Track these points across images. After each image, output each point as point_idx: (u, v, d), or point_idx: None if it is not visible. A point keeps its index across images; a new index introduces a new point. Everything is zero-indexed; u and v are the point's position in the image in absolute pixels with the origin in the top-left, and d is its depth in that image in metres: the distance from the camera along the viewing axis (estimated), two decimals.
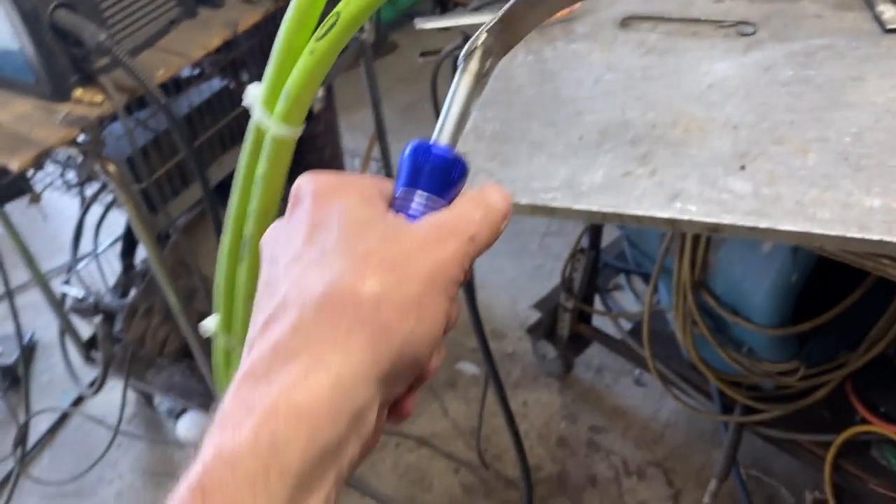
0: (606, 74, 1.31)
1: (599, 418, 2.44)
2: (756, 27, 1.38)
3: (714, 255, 1.87)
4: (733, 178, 1.06)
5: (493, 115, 1.25)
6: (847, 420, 1.99)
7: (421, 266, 0.45)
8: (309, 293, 0.43)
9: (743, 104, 1.20)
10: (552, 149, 1.17)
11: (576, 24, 1.45)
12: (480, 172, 1.14)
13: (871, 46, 1.29)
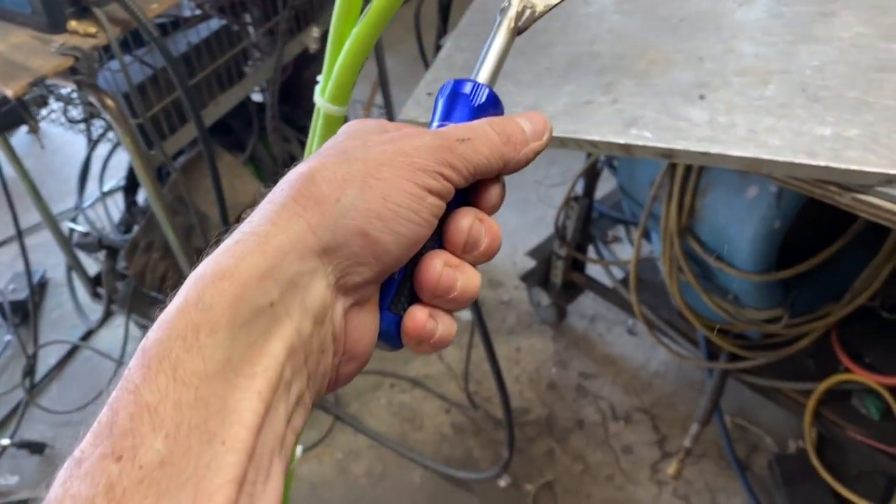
0: (581, 7, 1.32)
1: (590, 365, 2.48)
2: None
3: (701, 200, 1.88)
4: (692, 107, 1.08)
5: (466, 45, 1.27)
6: (831, 369, 2.01)
7: (375, 151, 0.47)
8: None
9: (711, 38, 1.21)
10: (520, 77, 1.19)
11: None
12: None
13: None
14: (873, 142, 0.99)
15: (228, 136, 2.33)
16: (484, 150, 0.49)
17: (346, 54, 0.69)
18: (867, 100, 1.06)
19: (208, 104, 2.00)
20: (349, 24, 0.67)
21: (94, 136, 2.34)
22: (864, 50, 1.14)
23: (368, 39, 0.65)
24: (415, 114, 1.14)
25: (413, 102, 1.16)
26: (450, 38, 1.29)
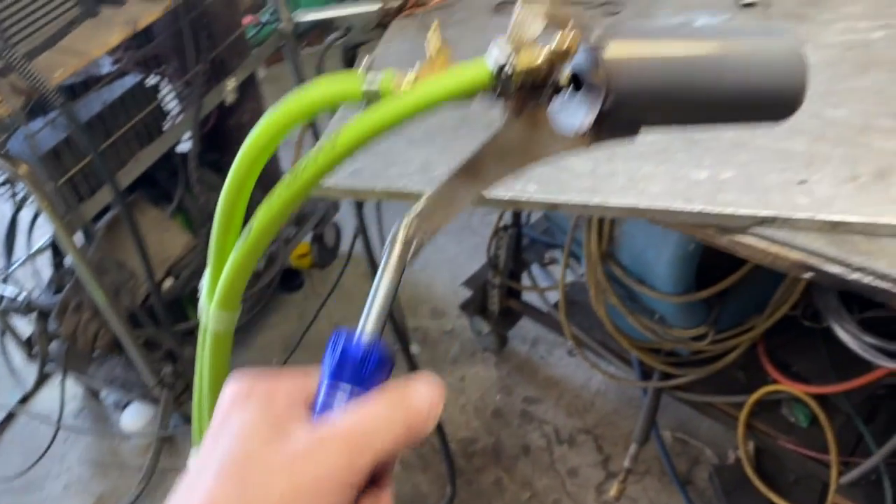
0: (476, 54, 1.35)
1: (533, 389, 2.51)
2: (622, 6, 1.42)
3: (619, 227, 1.93)
4: (576, 158, 1.12)
5: None
6: (760, 381, 2.06)
7: (277, 486, 0.44)
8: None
9: None
10: (411, 135, 1.22)
11: (452, 11, 1.49)
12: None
13: (726, 22, 1.34)
14: (747, 183, 1.04)
15: (154, 188, 2.32)
16: (389, 446, 0.47)
17: (231, 269, 0.64)
18: (742, 140, 1.10)
19: (128, 162, 1.99)
20: (231, 236, 0.63)
21: (19, 198, 2.31)
22: None
23: (252, 258, 0.62)
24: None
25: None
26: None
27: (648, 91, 0.61)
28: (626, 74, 0.59)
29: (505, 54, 0.55)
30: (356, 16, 1.45)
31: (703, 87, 0.66)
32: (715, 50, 0.66)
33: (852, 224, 0.97)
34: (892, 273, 0.93)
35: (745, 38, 0.70)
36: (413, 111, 0.58)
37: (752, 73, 0.65)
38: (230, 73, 2.18)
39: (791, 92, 0.67)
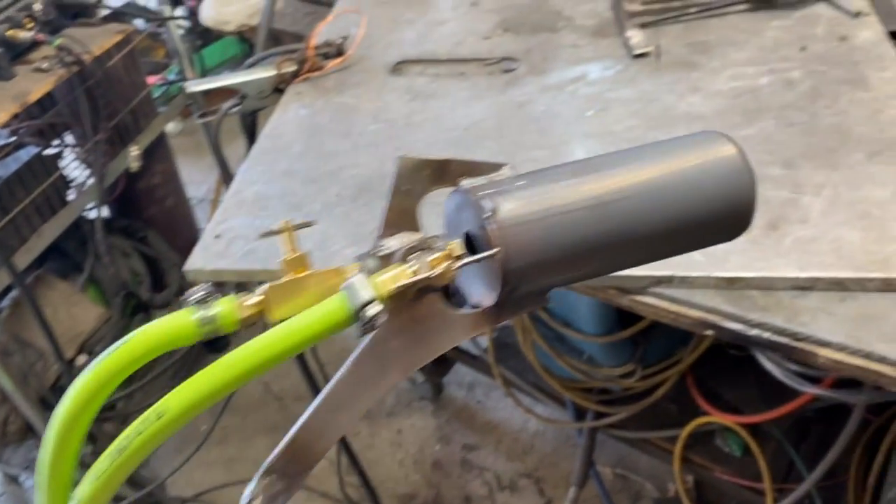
0: (372, 125, 1.33)
1: (472, 436, 2.48)
2: (518, 62, 1.42)
3: None
4: None
5: (257, 177, 1.26)
6: (692, 413, 2.07)
7: None
8: None
9: (494, 145, 1.24)
10: (310, 207, 1.18)
11: (349, 73, 1.47)
12: (237, 240, 1.14)
13: (620, 73, 1.35)
14: None
15: (63, 260, 2.22)
16: None
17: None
18: None
19: (29, 238, 1.90)
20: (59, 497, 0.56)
21: None
22: (635, 143, 1.19)
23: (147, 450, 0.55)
24: (201, 262, 1.11)
25: (200, 248, 1.13)
26: (240, 169, 1.28)
27: (557, 249, 0.56)
28: (522, 239, 0.54)
29: (366, 293, 0.52)
30: (251, 83, 1.41)
31: (623, 231, 0.58)
32: (632, 184, 0.59)
33: (748, 279, 0.97)
34: (789, 328, 0.93)
35: (667, 156, 0.64)
36: (260, 370, 0.53)
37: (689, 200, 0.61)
38: (137, 134, 2.11)
39: (739, 208, 0.63)
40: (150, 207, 2.45)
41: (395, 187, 0.64)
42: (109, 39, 1.91)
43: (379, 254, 0.57)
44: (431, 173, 0.65)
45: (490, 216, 0.53)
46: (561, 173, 0.60)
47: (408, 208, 0.66)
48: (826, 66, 1.27)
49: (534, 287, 0.57)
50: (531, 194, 0.57)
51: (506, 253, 0.53)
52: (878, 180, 1.04)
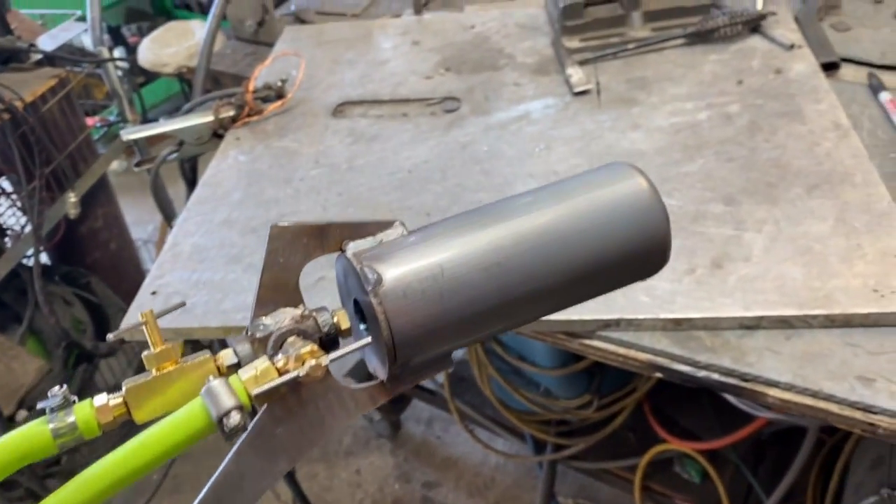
0: (313, 170, 1.31)
1: (432, 473, 2.44)
2: (460, 102, 1.41)
3: None
4: None
5: (194, 228, 1.22)
6: (651, 441, 2.07)
7: None
8: None
9: (438, 188, 1.22)
10: (250, 259, 1.15)
11: (290, 117, 1.44)
12: (174, 296, 1.10)
13: (562, 111, 1.35)
14: None
15: (1, 311, 2.14)
16: None
17: None
18: None
19: None
20: None
21: None
22: None
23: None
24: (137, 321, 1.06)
25: (136, 306, 1.09)
26: (177, 221, 1.24)
27: (452, 314, 0.52)
28: (411, 308, 0.50)
29: (227, 401, 0.48)
30: (188, 129, 1.38)
31: (526, 284, 0.54)
32: (533, 233, 0.54)
33: (694, 320, 0.96)
34: (737, 369, 0.92)
35: (570, 196, 0.56)
36: (118, 486, 0.49)
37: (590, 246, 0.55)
38: (76, 178, 2.05)
39: (653, 245, 0.58)
40: (93, 252, 2.37)
41: (270, 260, 0.59)
42: (44, 84, 1.85)
43: (255, 335, 0.54)
44: (310, 240, 0.60)
45: (373, 287, 0.50)
46: (455, 227, 0.56)
47: (286, 281, 0.60)
48: (763, 100, 1.29)
49: (430, 355, 0.53)
50: (420, 256, 0.52)
51: (391, 326, 0.49)
52: (817, 214, 1.05)
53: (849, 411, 0.87)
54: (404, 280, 0.50)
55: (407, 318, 0.50)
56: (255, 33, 1.81)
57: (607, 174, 0.59)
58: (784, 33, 1.43)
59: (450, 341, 0.53)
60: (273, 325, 0.55)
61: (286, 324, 0.55)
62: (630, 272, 0.59)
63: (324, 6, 1.91)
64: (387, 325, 0.49)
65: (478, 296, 0.52)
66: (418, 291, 0.50)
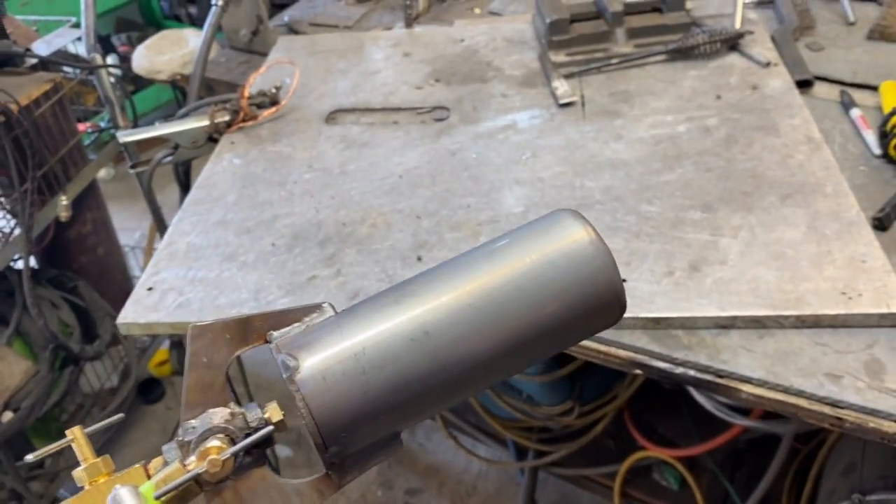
0: (307, 174, 1.34)
1: (415, 480, 2.46)
2: (450, 111, 1.46)
3: None
4: (409, 271, 1.12)
5: (190, 227, 1.25)
6: (631, 448, 2.11)
7: None
8: None
9: (428, 192, 1.26)
10: (245, 258, 1.18)
11: (283, 123, 1.48)
12: (170, 292, 1.13)
13: (547, 121, 1.40)
14: None
15: None
16: None
17: None
18: None
19: None
20: None
21: None
22: (563, 189, 1.24)
23: None
24: (133, 316, 1.09)
25: (133, 301, 1.12)
26: (172, 220, 1.27)
27: (376, 397, 0.49)
28: (333, 396, 0.48)
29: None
30: (184, 133, 1.41)
31: (455, 361, 0.50)
32: (465, 302, 0.51)
33: (672, 319, 1.01)
34: (713, 365, 0.97)
35: (507, 255, 0.53)
36: None
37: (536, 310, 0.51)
38: (67, 182, 2.07)
39: (602, 299, 0.53)
40: (81, 256, 2.39)
41: (194, 360, 0.57)
42: (38, 88, 1.88)
43: (184, 439, 0.53)
44: (233, 335, 0.58)
45: (290, 376, 0.49)
46: (381, 301, 0.53)
47: (212, 381, 0.57)
48: (740, 114, 1.35)
49: (368, 440, 0.51)
50: (340, 336, 0.51)
51: (311, 412, 0.47)
52: (790, 222, 1.11)
53: (818, 406, 0.92)
54: (323, 364, 0.49)
55: (327, 402, 0.48)
56: (250, 42, 1.85)
57: (548, 225, 0.56)
58: (761, 51, 1.49)
59: (385, 422, 0.51)
60: (200, 426, 0.54)
61: (213, 424, 0.54)
62: (583, 328, 0.56)
63: (317, 18, 1.96)
64: (307, 412, 0.48)
65: (405, 369, 0.50)
66: (338, 373, 0.49)
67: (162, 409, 2.77)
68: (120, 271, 2.56)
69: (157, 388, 2.79)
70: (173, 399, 2.81)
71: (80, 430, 0.54)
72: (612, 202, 1.19)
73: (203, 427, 0.52)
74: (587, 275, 0.52)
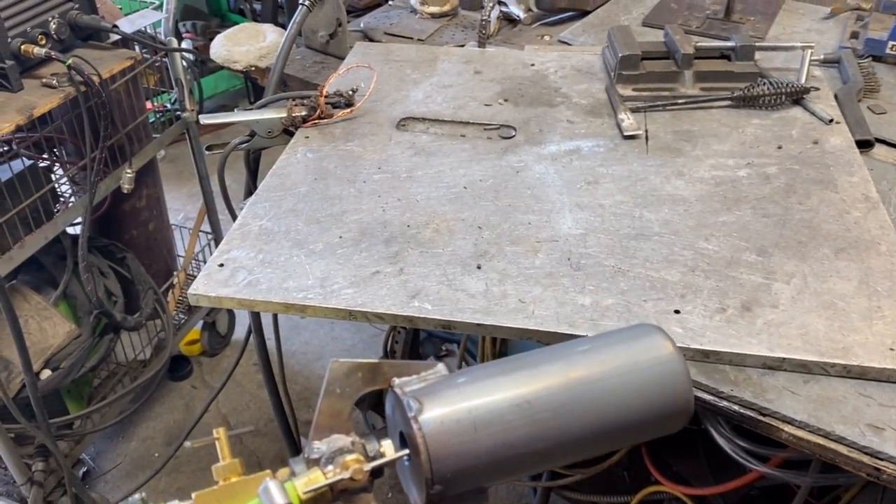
0: (376, 174, 1.40)
1: None
2: (516, 131, 1.51)
3: None
4: (469, 278, 1.16)
5: (263, 212, 1.31)
6: (644, 481, 2.12)
7: None
8: None
9: (491, 205, 1.31)
10: (313, 246, 1.23)
11: (357, 124, 1.54)
12: (240, 270, 1.19)
13: (610, 150, 1.45)
14: (626, 311, 1.10)
15: (40, 273, 2.22)
16: None
17: None
18: (622, 268, 1.18)
19: (12, 248, 1.90)
20: None
21: None
22: (622, 218, 1.28)
23: None
24: (203, 288, 1.15)
25: (204, 275, 1.17)
26: (247, 203, 1.33)
27: (482, 449, 0.57)
28: (447, 440, 0.57)
29: (279, 498, 0.55)
30: (262, 122, 1.47)
31: (554, 432, 0.59)
32: (564, 384, 0.60)
33: (722, 354, 1.04)
34: (757, 402, 1.00)
35: (601, 354, 0.63)
36: None
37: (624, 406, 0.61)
38: (129, 157, 2.14)
39: (676, 406, 0.63)
40: (132, 230, 2.46)
41: (328, 390, 0.68)
42: (118, 64, 1.95)
43: (310, 457, 0.61)
44: (364, 375, 0.69)
45: (414, 415, 0.57)
46: (489, 371, 0.63)
47: (340, 410, 0.69)
48: (800, 166, 1.39)
49: (465, 486, 0.59)
50: (458, 393, 0.59)
51: (429, 454, 0.56)
52: (843, 275, 1.14)
53: (857, 454, 0.95)
54: (442, 411, 0.58)
55: (442, 443, 0.57)
56: (326, 44, 1.92)
57: (637, 335, 0.65)
58: (824, 108, 1.53)
59: (484, 472, 0.59)
60: (326, 449, 0.62)
61: (338, 447, 0.62)
62: (651, 429, 0.65)
63: (392, 28, 2.03)
64: (425, 448, 0.56)
65: (507, 428, 0.59)
66: (454, 421, 0.58)
67: (187, 387, 2.83)
68: (166, 248, 2.64)
69: (186, 365, 2.86)
70: (199, 378, 2.86)
71: (223, 432, 0.62)
72: (670, 235, 1.23)
73: (329, 451, 0.61)
74: (668, 380, 0.61)
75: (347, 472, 0.57)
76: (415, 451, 0.57)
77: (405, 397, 0.60)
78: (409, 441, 0.60)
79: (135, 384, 2.36)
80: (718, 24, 2.02)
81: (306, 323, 3.10)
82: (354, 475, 0.57)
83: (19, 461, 2.06)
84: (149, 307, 2.36)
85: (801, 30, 2.02)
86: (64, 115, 2.05)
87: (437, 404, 0.58)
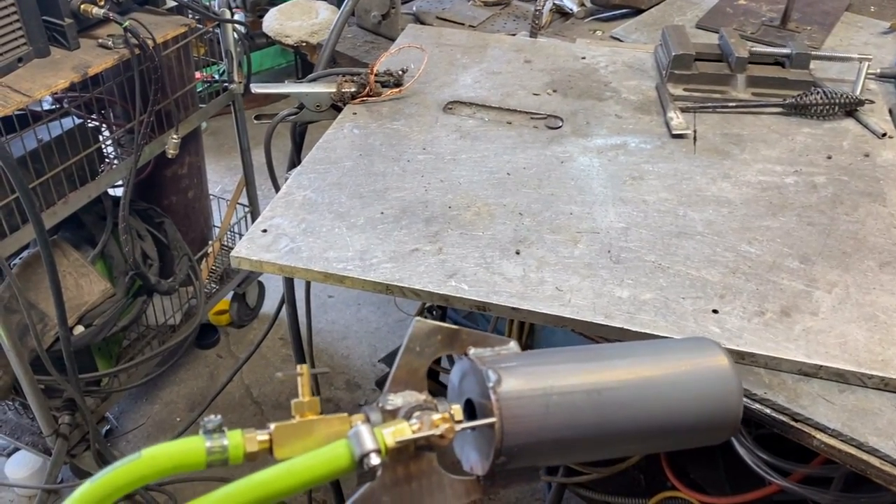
0: (420, 155, 1.40)
1: None
2: (563, 122, 1.51)
3: None
4: (507, 262, 1.16)
5: (307, 183, 1.32)
6: (659, 485, 2.12)
7: None
8: None
9: (533, 193, 1.31)
10: (354, 220, 1.24)
11: (404, 104, 1.55)
12: (283, 237, 1.20)
13: (657, 148, 1.44)
14: (665, 307, 1.10)
15: (80, 231, 2.26)
16: None
17: None
18: (662, 264, 1.17)
19: (56, 203, 1.94)
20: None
21: None
22: (665, 215, 1.27)
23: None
24: (246, 252, 1.16)
25: (247, 239, 1.19)
26: (293, 173, 1.34)
27: (550, 428, 0.59)
28: (521, 413, 0.58)
29: (370, 443, 0.56)
30: (312, 95, 1.49)
31: (614, 421, 0.62)
32: (628, 378, 0.63)
33: (758, 356, 1.04)
34: (790, 408, 1.00)
35: (661, 356, 0.66)
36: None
37: (676, 407, 0.64)
38: (174, 124, 2.17)
39: (725, 419, 0.65)
40: (172, 196, 2.50)
41: (408, 347, 0.69)
42: (172, 30, 1.98)
43: (385, 407, 0.63)
44: (443, 338, 0.70)
45: (493, 386, 0.58)
46: (562, 357, 0.65)
47: (417, 368, 0.71)
48: (849, 177, 1.37)
49: (525, 462, 0.60)
50: (534, 372, 0.61)
51: (503, 424, 0.57)
52: (886, 288, 1.13)
53: (889, 468, 0.94)
54: (520, 386, 0.59)
55: (516, 416, 0.58)
56: (378, 25, 1.92)
57: (698, 346, 0.68)
58: (878, 122, 1.51)
59: (549, 452, 0.61)
60: (401, 402, 0.64)
61: (413, 402, 0.64)
62: (699, 436, 0.67)
63: (444, 13, 2.03)
64: (499, 417, 0.57)
65: (577, 413, 0.60)
66: (528, 397, 0.59)
67: (213, 356, 2.87)
68: (203, 217, 2.67)
69: (214, 334, 2.89)
70: (225, 348, 2.90)
71: (306, 368, 0.63)
72: (713, 236, 1.22)
73: (405, 404, 0.63)
74: (722, 394, 0.64)
75: (437, 429, 0.58)
76: (489, 418, 0.59)
77: (484, 367, 0.60)
78: (480, 410, 0.60)
79: (163, 347, 2.40)
80: (774, 32, 2.00)
81: (333, 302, 3.13)
82: (446, 433, 0.58)
83: (48, 413, 2.10)
84: (182, 273, 2.39)
85: (858, 43, 1.99)
86: (115, 77, 2.09)
87: (515, 376, 0.59)
